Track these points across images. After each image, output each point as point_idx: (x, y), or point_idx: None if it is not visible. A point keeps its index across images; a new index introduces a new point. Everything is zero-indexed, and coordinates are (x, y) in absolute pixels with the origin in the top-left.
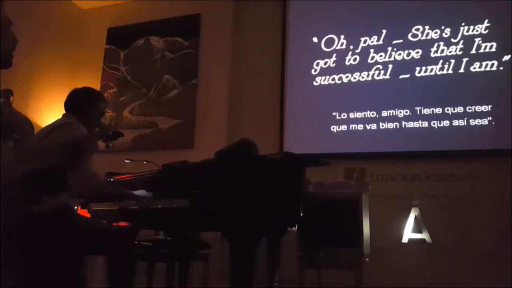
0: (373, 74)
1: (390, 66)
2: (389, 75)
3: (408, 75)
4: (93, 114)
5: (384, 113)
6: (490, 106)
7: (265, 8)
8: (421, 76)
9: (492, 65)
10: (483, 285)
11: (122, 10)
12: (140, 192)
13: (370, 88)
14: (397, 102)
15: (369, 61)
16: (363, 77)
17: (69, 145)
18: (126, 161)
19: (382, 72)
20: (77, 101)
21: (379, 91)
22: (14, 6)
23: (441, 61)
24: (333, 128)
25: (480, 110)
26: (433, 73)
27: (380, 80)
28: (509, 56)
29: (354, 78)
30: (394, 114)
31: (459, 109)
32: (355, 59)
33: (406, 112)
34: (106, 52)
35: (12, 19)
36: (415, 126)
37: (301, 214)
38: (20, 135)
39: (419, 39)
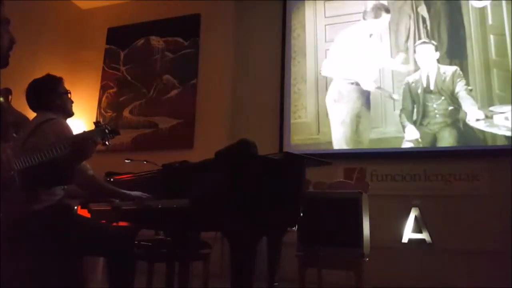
0: None
1: None
2: None
3: None
4: (59, 100)
5: None
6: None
7: (265, 8)
8: None
9: None
10: (483, 285)
11: (122, 10)
12: (137, 193)
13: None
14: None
15: None
16: None
17: (74, 142)
18: (126, 161)
19: None
20: (39, 97)
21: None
22: (14, 6)
23: None
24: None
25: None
26: None
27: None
28: None
29: None
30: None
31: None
32: None
33: None
34: (106, 52)
35: (12, 19)
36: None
37: (301, 214)
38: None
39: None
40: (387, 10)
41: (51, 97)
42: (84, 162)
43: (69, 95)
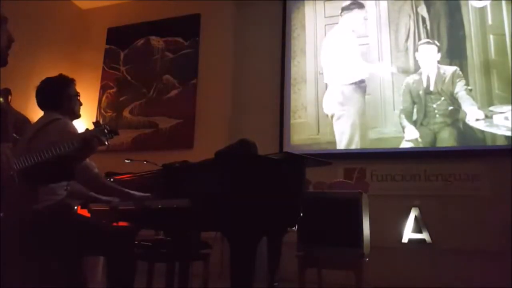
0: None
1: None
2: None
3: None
4: (68, 102)
5: None
6: None
7: (265, 8)
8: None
9: None
10: (483, 285)
11: (122, 10)
12: (140, 194)
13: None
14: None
15: None
16: None
17: (80, 139)
18: (126, 161)
19: None
20: (49, 97)
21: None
22: (14, 6)
23: None
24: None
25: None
26: None
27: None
28: None
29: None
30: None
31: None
32: None
33: None
34: (106, 52)
35: (12, 19)
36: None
37: (301, 214)
38: (20, 135)
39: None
40: (361, 6)
41: (61, 98)
42: (89, 161)
43: (78, 97)
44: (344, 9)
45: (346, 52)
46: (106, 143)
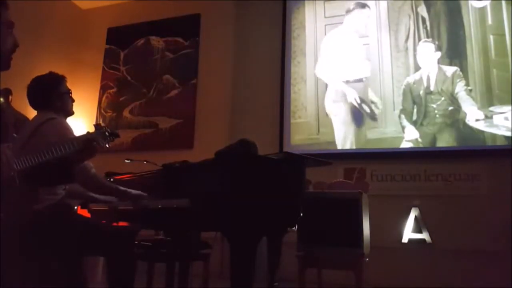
0: None
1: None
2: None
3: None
4: (60, 100)
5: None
6: None
7: (265, 8)
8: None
9: None
10: (483, 285)
11: (122, 10)
12: (137, 192)
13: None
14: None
15: None
16: None
17: (81, 142)
18: (126, 161)
19: None
20: (40, 96)
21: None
22: (14, 6)
23: None
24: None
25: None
26: None
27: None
28: None
29: None
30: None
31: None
32: None
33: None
34: (106, 52)
35: (12, 18)
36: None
37: (301, 214)
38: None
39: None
40: (362, 6)
41: (52, 96)
42: (87, 161)
43: (70, 94)
44: (348, 11)
45: (346, 52)
46: (107, 146)
